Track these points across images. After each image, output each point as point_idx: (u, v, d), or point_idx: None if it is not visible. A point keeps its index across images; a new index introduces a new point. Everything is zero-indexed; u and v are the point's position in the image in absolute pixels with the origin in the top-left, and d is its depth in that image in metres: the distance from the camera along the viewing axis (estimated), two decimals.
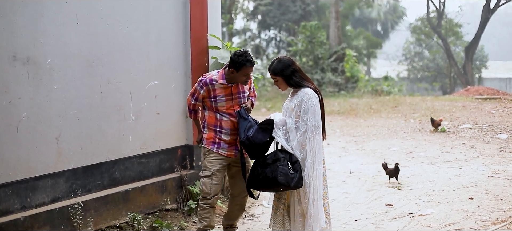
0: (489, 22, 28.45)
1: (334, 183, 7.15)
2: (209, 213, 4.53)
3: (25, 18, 4.26)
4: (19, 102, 4.24)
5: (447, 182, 6.54)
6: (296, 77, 4.24)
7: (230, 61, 4.40)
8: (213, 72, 4.56)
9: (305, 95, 4.16)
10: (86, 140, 4.81)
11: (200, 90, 4.51)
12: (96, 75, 4.85)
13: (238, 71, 4.36)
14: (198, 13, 5.74)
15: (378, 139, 10.54)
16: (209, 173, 4.49)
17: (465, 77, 29.66)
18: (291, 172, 4.06)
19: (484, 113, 12.24)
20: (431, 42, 36.35)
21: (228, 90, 4.48)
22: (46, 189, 4.51)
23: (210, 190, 4.48)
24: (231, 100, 4.50)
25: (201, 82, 4.50)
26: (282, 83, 4.27)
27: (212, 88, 4.45)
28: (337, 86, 22.88)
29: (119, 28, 5.05)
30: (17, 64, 4.21)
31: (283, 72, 4.22)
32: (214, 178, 4.49)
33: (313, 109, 4.14)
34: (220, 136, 4.50)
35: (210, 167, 4.50)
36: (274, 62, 4.29)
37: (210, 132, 4.54)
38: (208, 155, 4.54)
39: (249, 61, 4.34)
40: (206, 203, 4.51)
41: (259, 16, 34.11)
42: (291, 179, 4.05)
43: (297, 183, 4.08)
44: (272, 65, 4.27)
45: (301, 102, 4.14)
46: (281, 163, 4.08)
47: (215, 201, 4.53)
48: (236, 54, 4.35)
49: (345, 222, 5.48)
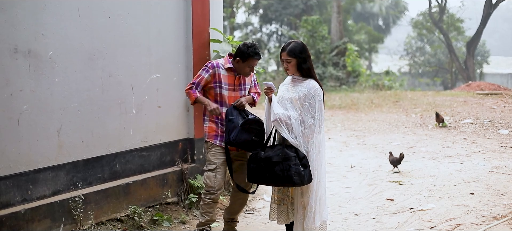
0: (491, 18, 28.41)
1: (335, 177, 7.15)
2: (212, 208, 4.53)
3: (26, 11, 4.26)
4: (20, 94, 4.24)
5: (448, 177, 6.54)
6: (308, 64, 4.20)
7: (237, 50, 4.41)
8: (219, 59, 4.57)
9: (313, 88, 4.13)
10: (87, 133, 4.81)
11: (205, 75, 4.46)
12: (97, 68, 4.84)
13: (244, 61, 4.38)
14: (200, 6, 5.73)
15: (379, 134, 10.54)
16: (213, 166, 4.48)
17: (466, 72, 29.64)
18: (301, 169, 4.04)
19: (485, 108, 12.23)
20: (432, 37, 36.32)
21: (232, 79, 4.50)
22: (47, 181, 4.51)
23: (215, 184, 4.47)
24: (233, 91, 4.50)
25: (207, 66, 4.48)
26: (294, 66, 4.19)
27: (218, 73, 4.45)
28: (339, 81, 22.87)
29: (121, 22, 5.03)
30: (18, 56, 4.21)
31: (301, 54, 4.16)
32: (218, 171, 4.48)
33: (320, 104, 4.14)
34: (222, 128, 4.49)
35: (214, 161, 4.49)
36: (291, 42, 4.21)
37: (212, 124, 4.53)
38: (211, 148, 4.53)
39: (257, 54, 4.37)
40: (210, 197, 4.50)
41: (260, 10, 34.11)
42: (304, 177, 4.03)
43: (309, 179, 4.08)
44: (288, 46, 4.18)
45: (308, 95, 4.11)
46: (293, 162, 4.02)
47: (219, 195, 4.52)
48: (245, 44, 4.37)
49: (346, 217, 5.48)
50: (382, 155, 8.37)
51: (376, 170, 7.38)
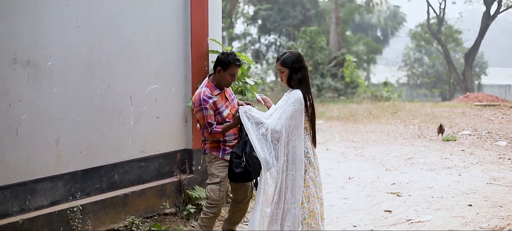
0: (489, 29, 28.51)
1: (333, 188, 7.14)
2: (213, 222, 4.55)
3: (26, 20, 4.27)
4: (19, 104, 4.24)
5: (446, 188, 6.54)
6: (300, 75, 4.19)
7: (216, 61, 4.42)
8: (199, 90, 4.43)
9: (293, 97, 4.12)
10: (86, 143, 4.81)
11: (209, 111, 4.35)
12: (96, 78, 4.85)
13: (225, 70, 4.37)
14: (199, 17, 5.75)
15: (377, 145, 10.54)
16: (218, 180, 4.48)
17: (464, 83, 29.69)
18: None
19: (484, 119, 12.25)
20: (431, 48, 36.41)
21: (223, 96, 4.50)
22: (45, 192, 4.51)
23: (219, 197, 4.47)
24: (228, 107, 4.51)
25: (205, 105, 4.34)
26: (286, 76, 4.24)
27: (213, 102, 4.39)
28: (337, 92, 22.89)
29: (120, 32, 5.05)
30: (18, 66, 4.22)
31: (293, 64, 4.20)
32: (222, 185, 4.48)
33: (293, 113, 4.09)
34: (224, 142, 4.50)
35: (218, 174, 4.49)
36: (285, 53, 4.27)
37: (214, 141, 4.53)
38: (214, 162, 4.52)
39: (237, 60, 4.39)
40: (213, 211, 4.50)
41: (259, 20, 34.17)
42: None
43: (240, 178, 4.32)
44: (282, 56, 4.25)
45: (288, 100, 4.15)
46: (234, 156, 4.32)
47: (221, 209, 4.53)
48: (224, 53, 4.39)
49: (344, 228, 5.47)
50: (380, 166, 8.37)
51: (374, 181, 7.38)
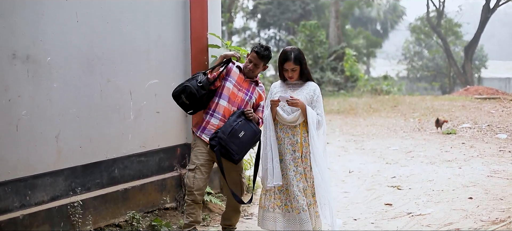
0: (489, 22, 28.48)
1: (333, 182, 7.14)
2: (194, 209, 4.52)
3: (25, 16, 4.26)
4: (18, 100, 4.24)
5: (446, 181, 6.54)
6: (307, 69, 4.44)
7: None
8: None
9: (317, 88, 4.44)
10: (86, 139, 4.80)
11: (216, 68, 4.58)
12: (95, 73, 4.84)
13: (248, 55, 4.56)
14: (198, 11, 5.73)
15: (378, 139, 10.54)
16: (193, 166, 4.49)
17: (464, 76, 29.68)
18: None
19: (484, 112, 12.25)
20: (430, 42, 36.40)
21: (242, 79, 4.57)
22: (45, 187, 4.51)
23: (193, 184, 4.46)
24: (237, 90, 4.53)
25: (226, 63, 4.63)
26: (298, 72, 4.36)
27: (233, 72, 4.58)
28: (337, 85, 22.89)
29: (119, 27, 5.04)
30: (17, 62, 4.21)
31: (304, 60, 4.38)
32: (197, 172, 4.47)
33: (322, 103, 4.47)
34: (210, 119, 4.51)
35: (194, 161, 4.49)
36: (293, 50, 4.34)
37: (202, 115, 4.61)
38: (194, 148, 4.56)
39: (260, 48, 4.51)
40: (190, 198, 4.50)
41: (258, 15, 34.15)
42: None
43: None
44: (291, 54, 4.31)
45: (314, 95, 4.38)
46: None
47: (198, 197, 4.50)
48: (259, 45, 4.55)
49: (345, 221, 5.48)
50: (380, 160, 8.37)
51: (375, 175, 7.38)
